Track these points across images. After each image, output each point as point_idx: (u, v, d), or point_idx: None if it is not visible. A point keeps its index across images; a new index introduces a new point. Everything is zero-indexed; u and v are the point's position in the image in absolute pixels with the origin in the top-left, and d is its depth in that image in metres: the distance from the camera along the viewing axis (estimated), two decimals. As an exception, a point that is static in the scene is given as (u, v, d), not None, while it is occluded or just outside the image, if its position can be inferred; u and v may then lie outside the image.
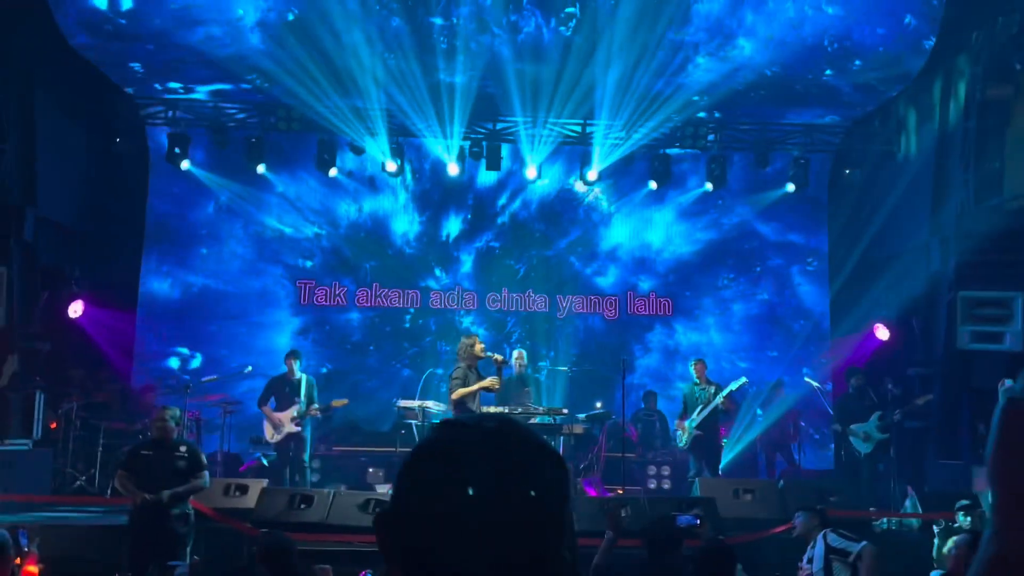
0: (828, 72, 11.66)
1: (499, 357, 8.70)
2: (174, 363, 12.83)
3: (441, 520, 0.97)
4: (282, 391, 10.07)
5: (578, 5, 10.78)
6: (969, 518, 7.00)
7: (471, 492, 0.97)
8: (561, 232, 13.62)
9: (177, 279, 12.99)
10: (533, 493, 0.99)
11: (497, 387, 8.55)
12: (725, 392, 9.99)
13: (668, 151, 12.89)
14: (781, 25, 10.77)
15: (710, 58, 11.27)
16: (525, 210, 13.64)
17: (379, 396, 12.81)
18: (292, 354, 10.33)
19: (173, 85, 12.31)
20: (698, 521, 7.29)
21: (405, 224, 13.55)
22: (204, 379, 11.00)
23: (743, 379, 10.28)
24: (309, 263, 13.31)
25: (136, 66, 11.80)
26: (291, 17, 10.56)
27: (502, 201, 13.69)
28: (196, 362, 12.82)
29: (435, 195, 13.53)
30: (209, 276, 13.08)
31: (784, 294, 13.55)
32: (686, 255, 13.56)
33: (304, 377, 10.13)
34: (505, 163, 13.03)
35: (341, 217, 13.38)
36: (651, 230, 13.60)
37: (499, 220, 13.65)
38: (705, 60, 11.32)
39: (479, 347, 8.66)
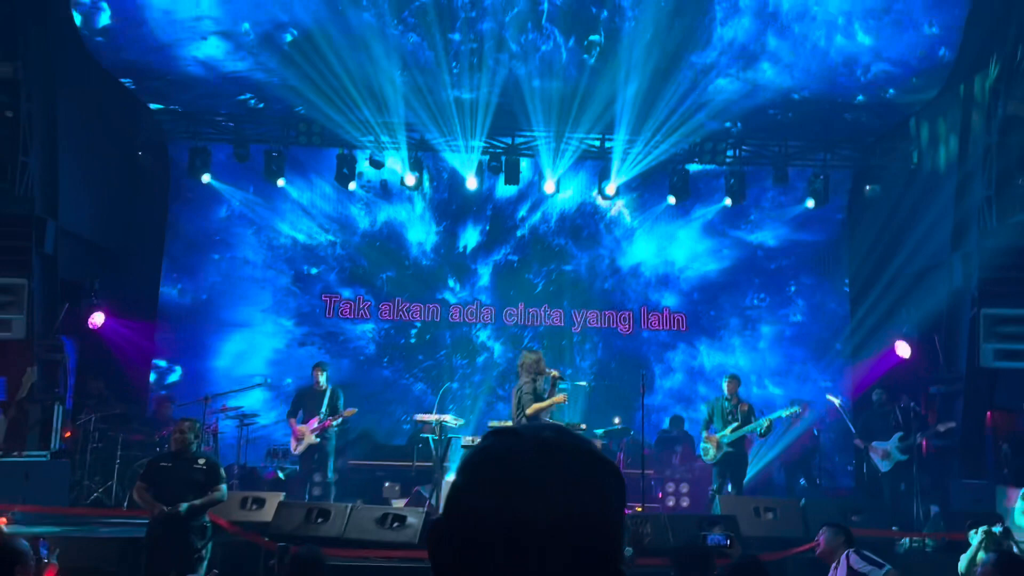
0: (860, 98, 11.70)
1: (555, 372, 8.79)
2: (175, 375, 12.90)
3: (496, 531, 0.94)
4: (309, 403, 10.07)
5: (602, 32, 10.80)
6: (979, 536, 6.87)
7: (531, 501, 0.93)
8: (581, 246, 13.58)
9: (187, 288, 13.06)
10: (591, 504, 0.96)
11: (565, 402, 8.83)
12: (774, 416, 9.83)
13: (691, 167, 12.86)
14: (805, 52, 10.79)
15: (732, 79, 11.30)
16: (544, 224, 13.59)
17: (392, 409, 12.79)
18: (319, 366, 10.33)
19: (191, 99, 12.42)
20: (728, 541, 7.19)
21: (421, 234, 13.51)
22: (221, 391, 11.02)
23: (796, 408, 10.13)
24: (326, 273, 13.28)
25: (154, 83, 11.92)
26: (309, 32, 10.61)
27: (521, 213, 13.63)
28: (174, 375, 12.86)
29: (453, 205, 13.50)
30: (222, 285, 13.11)
31: (805, 312, 13.45)
32: (711, 273, 13.46)
33: (329, 388, 10.12)
34: (525, 175, 13.04)
35: (356, 226, 13.37)
36: (675, 246, 13.52)
37: (518, 233, 13.60)
38: (727, 81, 11.35)
39: (543, 362, 8.80)
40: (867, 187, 12.96)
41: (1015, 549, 6.77)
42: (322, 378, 10.12)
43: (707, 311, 13.48)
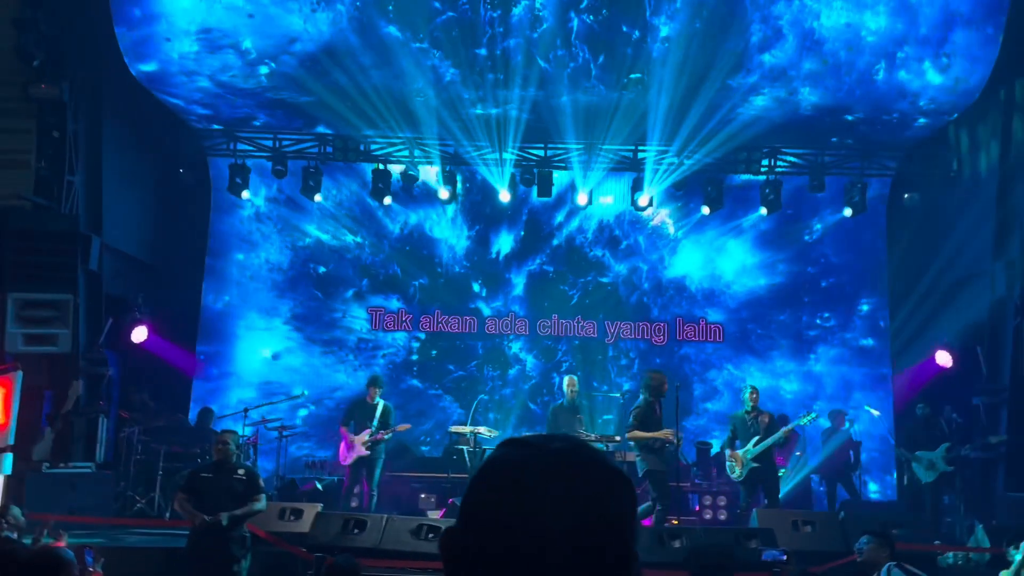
0: (895, 115, 11.61)
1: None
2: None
3: (507, 539, 0.97)
4: (360, 415, 10.20)
5: (642, 70, 10.82)
6: (1020, 553, 6.72)
7: (537, 512, 0.97)
8: (619, 257, 13.36)
9: (225, 300, 13.29)
10: (601, 512, 0.99)
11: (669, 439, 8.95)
12: (791, 426, 9.73)
13: (737, 176, 12.69)
14: (842, 71, 10.74)
15: (767, 99, 11.29)
16: (581, 234, 13.40)
17: (423, 420, 12.81)
18: (373, 381, 10.46)
19: (230, 117, 12.67)
20: (785, 556, 7.09)
21: (453, 238, 13.42)
22: (260, 404, 11.20)
23: (814, 413, 10.02)
24: (356, 279, 13.30)
25: (197, 100, 12.18)
26: (337, 49, 10.76)
27: (559, 219, 13.41)
28: (213, 387, 13.04)
29: (487, 208, 13.33)
30: (249, 290, 13.29)
31: (846, 323, 13.18)
32: (761, 288, 13.17)
33: (381, 403, 10.23)
34: (562, 182, 12.93)
35: (386, 228, 13.33)
36: (723, 258, 13.26)
37: (554, 242, 13.42)
38: (763, 100, 11.33)
39: (667, 385, 9.13)
40: (906, 195, 12.77)
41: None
42: (377, 393, 10.24)
43: (755, 329, 13.15)
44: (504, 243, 13.48)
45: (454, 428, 11.03)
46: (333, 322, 13.30)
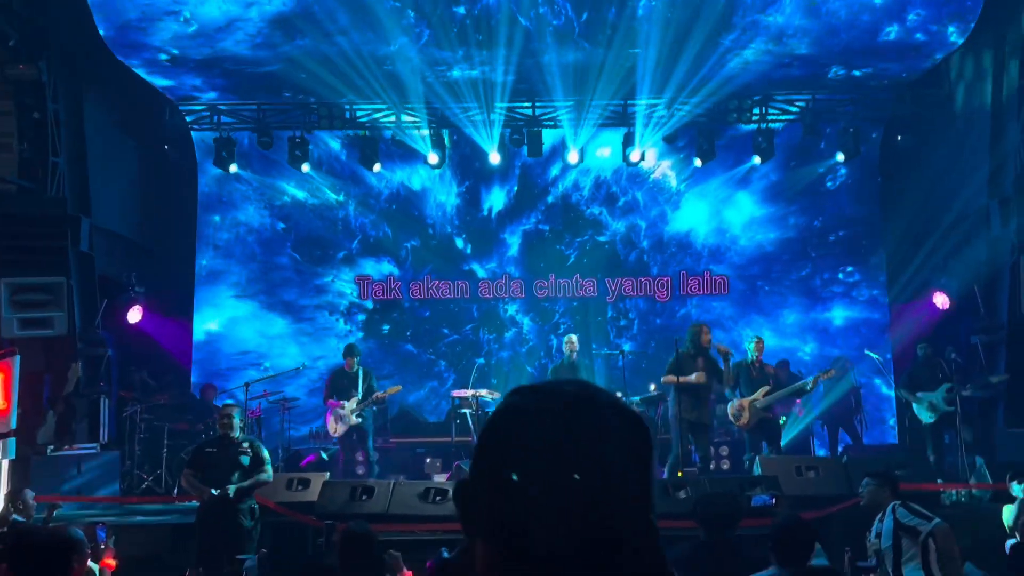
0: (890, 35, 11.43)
1: (723, 347, 9.36)
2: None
3: (521, 486, 0.94)
4: (342, 385, 10.22)
5: (626, 26, 10.59)
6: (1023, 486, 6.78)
7: (550, 457, 0.94)
8: (617, 215, 13.13)
9: (219, 272, 13.18)
10: (614, 456, 0.96)
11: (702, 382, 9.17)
12: (813, 379, 9.71)
13: (743, 126, 12.50)
14: (835, 26, 10.60)
15: (757, 51, 11.15)
16: (578, 191, 13.14)
17: (420, 384, 12.77)
18: (350, 350, 10.46)
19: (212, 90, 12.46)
20: (774, 500, 7.18)
21: (442, 195, 13.17)
22: (259, 377, 11.21)
23: (832, 370, 10.11)
24: (345, 241, 13.13)
25: (182, 77, 11.97)
26: (317, 14, 10.51)
27: (553, 173, 13.12)
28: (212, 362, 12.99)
29: (476, 163, 13.00)
30: (235, 257, 13.17)
31: (851, 272, 13.07)
32: (769, 243, 12.95)
33: (361, 369, 10.25)
34: (554, 139, 12.70)
35: (373, 186, 13.08)
36: (730, 212, 13.02)
37: (549, 199, 13.16)
38: (752, 53, 11.19)
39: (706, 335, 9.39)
40: (898, 137, 12.67)
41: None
42: (355, 362, 10.25)
43: (764, 286, 12.96)
44: (496, 199, 13.21)
45: (456, 392, 11.06)
46: (323, 287, 13.16)
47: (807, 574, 3.40)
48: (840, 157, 12.45)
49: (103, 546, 5.10)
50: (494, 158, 12.61)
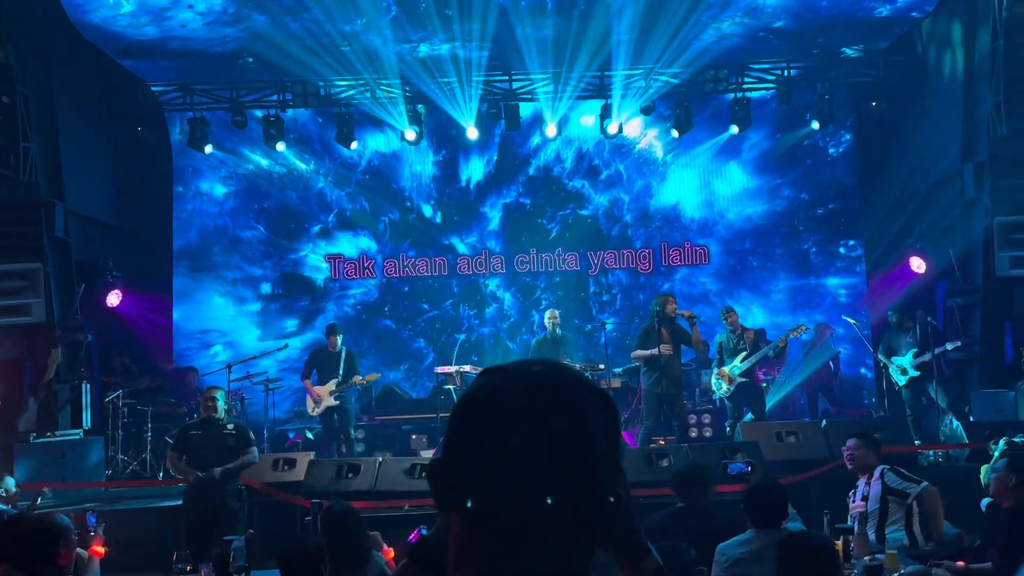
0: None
1: (688, 313, 9.43)
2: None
3: (491, 464, 0.97)
4: (323, 364, 10.20)
5: None
6: (1001, 447, 6.91)
7: (520, 434, 0.97)
8: (600, 188, 13.03)
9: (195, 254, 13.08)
10: (582, 432, 0.99)
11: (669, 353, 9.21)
12: (784, 338, 9.85)
13: (742, 94, 12.42)
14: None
15: (733, 24, 11.12)
16: (559, 164, 13.01)
17: (398, 362, 12.73)
18: (332, 329, 10.44)
19: (182, 70, 12.28)
20: (749, 468, 7.32)
21: (418, 163, 12.97)
22: (243, 359, 11.18)
23: (806, 326, 10.23)
24: (322, 214, 13.01)
25: (144, 56, 11.78)
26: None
27: (535, 141, 12.94)
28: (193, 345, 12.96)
29: (453, 130, 12.76)
30: (207, 232, 13.07)
31: (820, 236, 13.14)
32: (758, 216, 12.91)
33: (344, 350, 10.23)
34: (534, 109, 12.60)
35: (348, 157, 12.85)
36: (719, 184, 12.96)
37: (530, 171, 13.01)
38: (729, 26, 11.15)
39: (672, 305, 9.48)
40: (873, 103, 12.73)
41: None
42: (338, 340, 10.22)
43: (752, 261, 12.95)
44: (475, 170, 13.05)
45: (440, 369, 11.10)
46: (299, 262, 13.06)
47: (789, 539, 3.48)
48: (815, 125, 12.50)
49: (92, 532, 5.09)
50: (472, 133, 12.53)
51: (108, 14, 10.56)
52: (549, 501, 0.95)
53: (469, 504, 0.98)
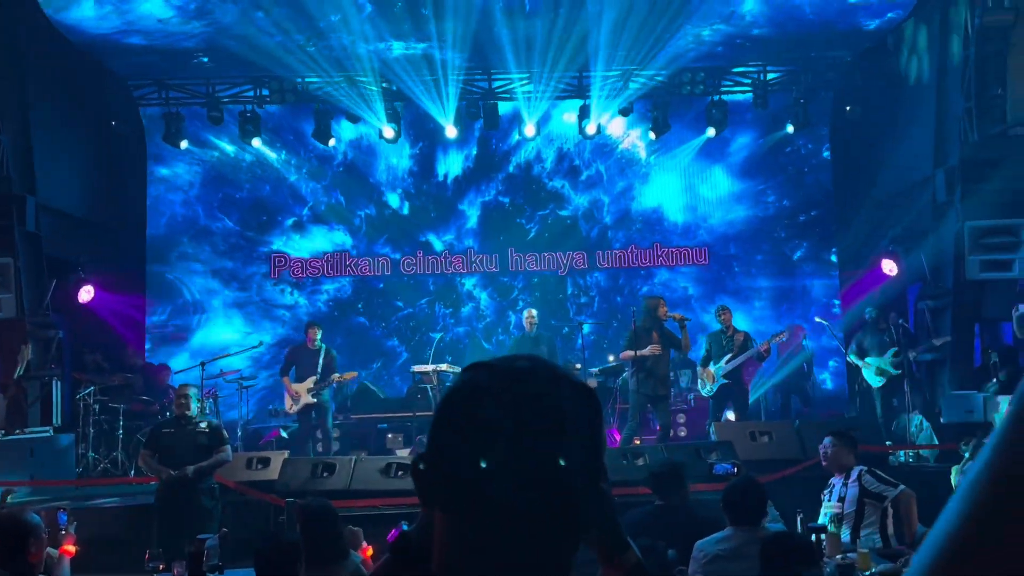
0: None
1: (678, 315, 9.39)
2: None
3: (475, 459, 0.98)
4: (302, 361, 10.14)
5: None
6: (971, 448, 7.02)
7: (505, 429, 0.97)
8: (580, 189, 12.97)
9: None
10: (566, 427, 1.00)
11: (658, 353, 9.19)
12: (766, 344, 9.90)
13: (729, 97, 12.47)
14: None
15: (711, 28, 11.20)
16: (539, 163, 12.93)
17: (371, 361, 12.65)
18: (312, 325, 10.37)
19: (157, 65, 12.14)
20: (735, 468, 7.37)
21: (394, 156, 12.85)
22: (217, 357, 11.09)
23: (784, 332, 10.37)
24: (296, 207, 12.88)
25: (119, 50, 11.64)
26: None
27: (515, 139, 12.83)
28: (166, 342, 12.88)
29: (430, 124, 12.56)
30: (177, 225, 12.94)
31: (801, 241, 13.19)
32: (742, 220, 12.91)
33: (324, 348, 10.17)
34: (515, 107, 12.57)
35: (324, 150, 12.69)
36: (704, 187, 12.94)
37: (510, 168, 12.92)
38: (709, 32, 11.23)
39: (663, 308, 9.42)
40: (847, 107, 12.88)
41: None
42: (317, 336, 10.17)
43: (734, 266, 12.93)
44: (453, 165, 12.94)
45: (416, 368, 11.06)
46: (269, 256, 12.91)
47: (774, 539, 3.52)
48: (790, 128, 12.64)
49: (63, 531, 5.03)
50: (451, 132, 12.50)
51: (79, 7, 10.42)
52: (534, 495, 0.96)
53: (454, 499, 0.98)
